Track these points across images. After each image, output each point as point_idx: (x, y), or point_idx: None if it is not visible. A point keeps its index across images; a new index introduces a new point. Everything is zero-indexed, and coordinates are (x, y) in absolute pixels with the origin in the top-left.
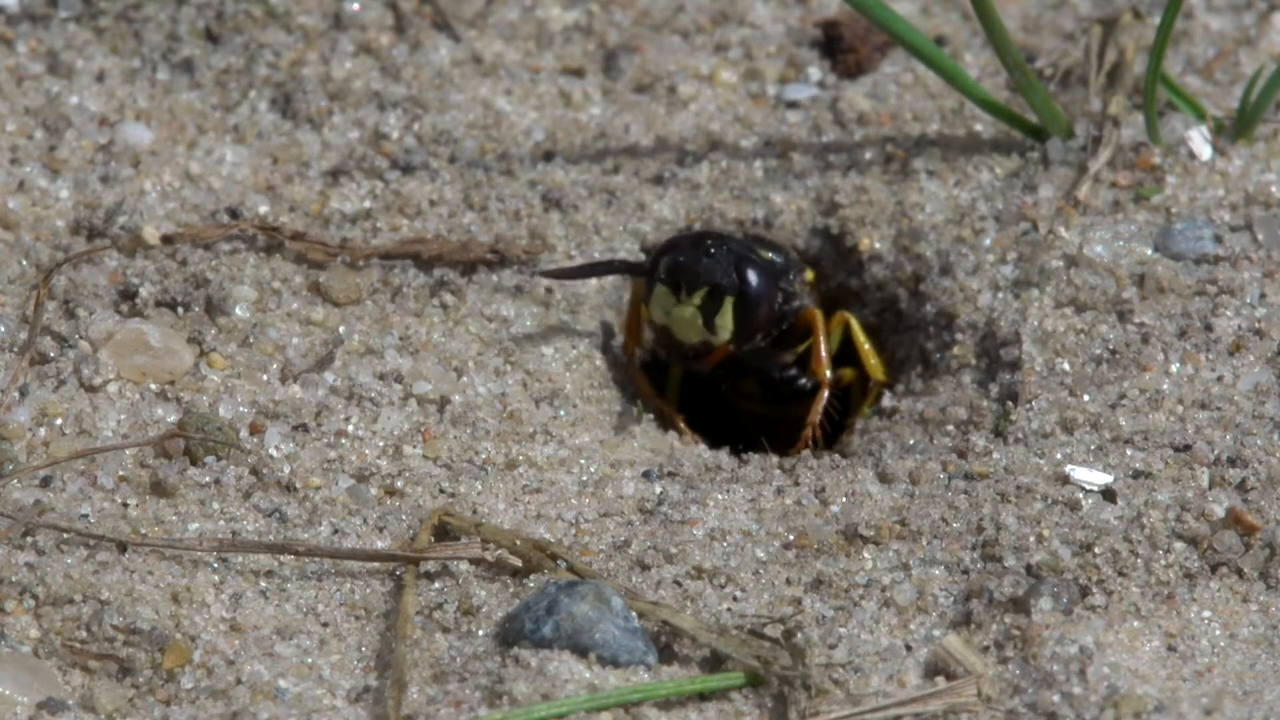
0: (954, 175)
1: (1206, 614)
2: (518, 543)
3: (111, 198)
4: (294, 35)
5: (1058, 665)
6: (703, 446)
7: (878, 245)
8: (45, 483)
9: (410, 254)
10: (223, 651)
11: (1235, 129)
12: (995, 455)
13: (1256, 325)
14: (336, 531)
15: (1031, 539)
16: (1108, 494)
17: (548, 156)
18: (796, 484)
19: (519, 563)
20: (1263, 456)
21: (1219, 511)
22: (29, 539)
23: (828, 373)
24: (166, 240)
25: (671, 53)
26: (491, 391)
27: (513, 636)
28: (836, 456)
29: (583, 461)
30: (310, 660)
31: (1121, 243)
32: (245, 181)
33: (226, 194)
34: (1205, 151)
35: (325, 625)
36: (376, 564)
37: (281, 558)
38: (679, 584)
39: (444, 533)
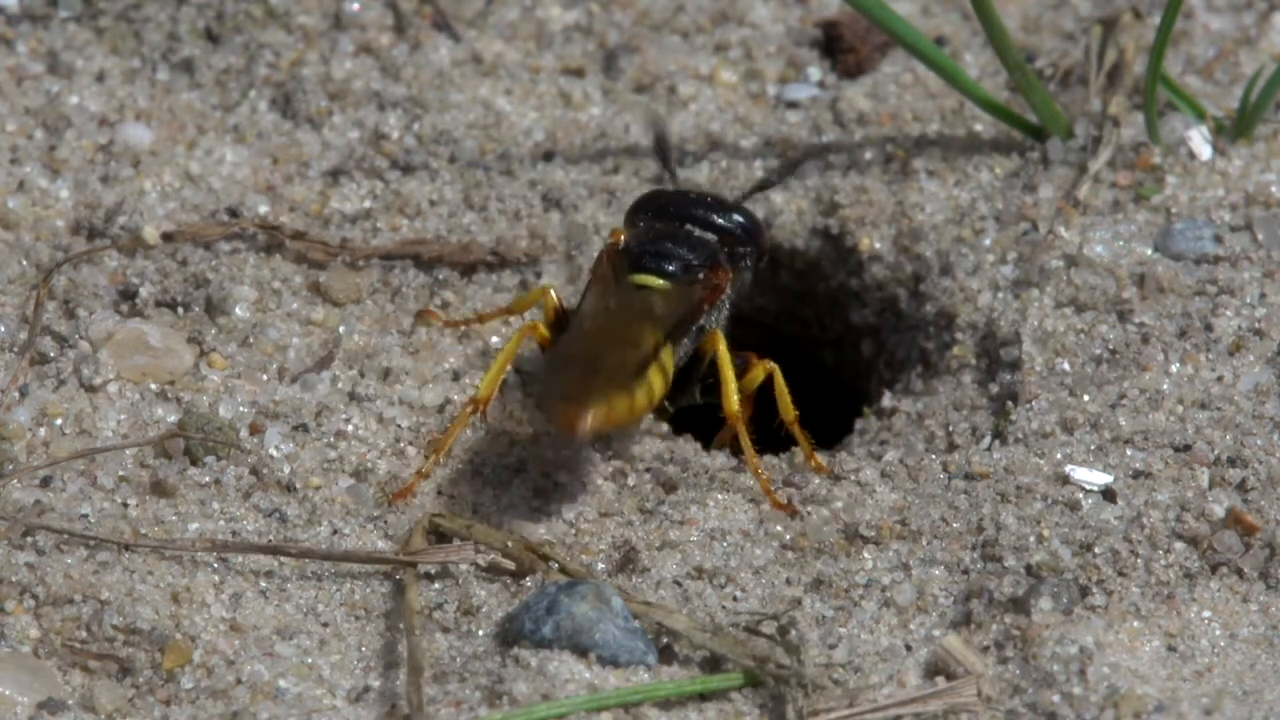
0: (954, 175)
1: (1206, 614)
2: (509, 544)
3: (111, 198)
4: (294, 35)
5: (1058, 665)
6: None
7: (878, 245)
8: (45, 483)
9: (410, 254)
10: (223, 651)
11: (1235, 129)
12: (995, 455)
13: (1256, 325)
14: (336, 532)
15: (1031, 539)
16: (1108, 494)
17: (548, 156)
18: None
19: (512, 566)
20: (1263, 456)
21: (1219, 511)
22: (29, 539)
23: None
24: (166, 240)
25: (671, 53)
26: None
27: (513, 636)
28: (839, 457)
29: (583, 461)
30: (310, 660)
31: (1121, 243)
32: (245, 181)
33: (226, 194)
34: (1205, 151)
35: (325, 625)
36: (376, 564)
37: (281, 558)
38: (679, 584)
39: (440, 535)
